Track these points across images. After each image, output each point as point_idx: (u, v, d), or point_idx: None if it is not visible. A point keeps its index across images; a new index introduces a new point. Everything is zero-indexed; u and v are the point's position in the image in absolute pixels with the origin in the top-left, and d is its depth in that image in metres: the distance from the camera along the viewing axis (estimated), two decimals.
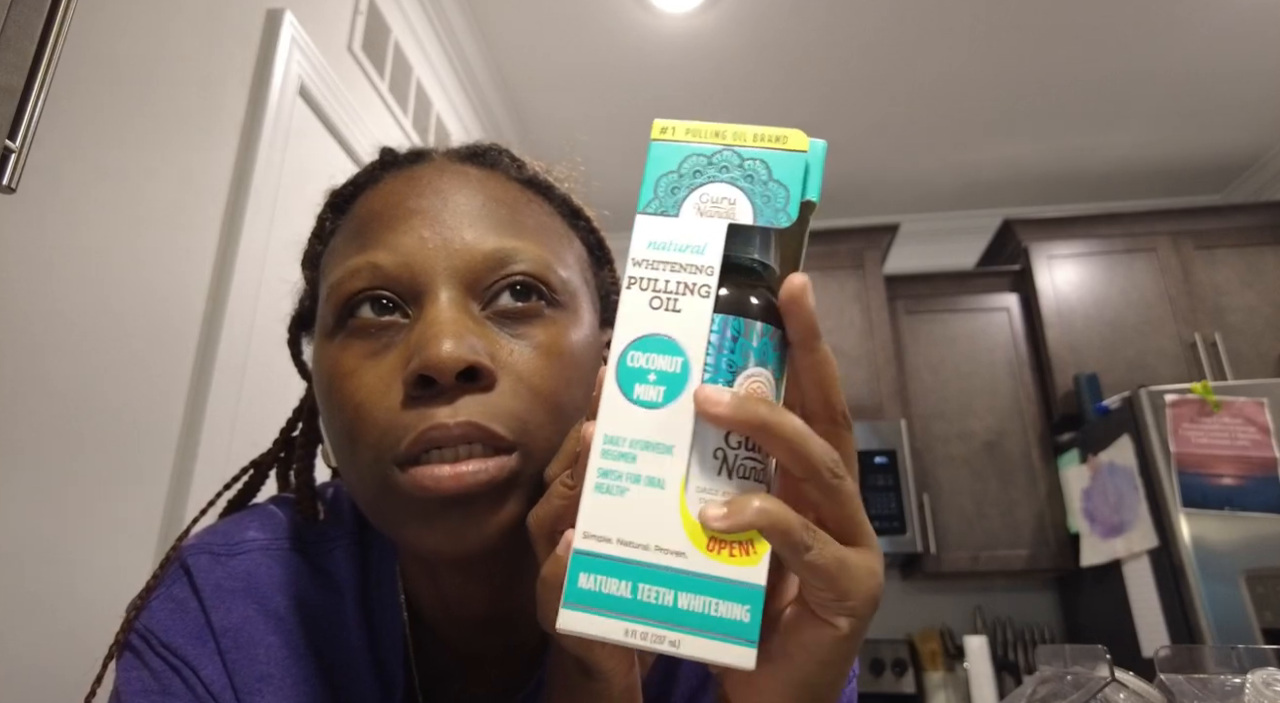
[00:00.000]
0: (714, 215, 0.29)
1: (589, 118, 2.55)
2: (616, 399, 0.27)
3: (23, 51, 0.66)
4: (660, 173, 0.30)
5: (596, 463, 0.27)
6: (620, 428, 0.27)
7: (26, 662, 0.80)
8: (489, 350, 0.37)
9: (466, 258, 0.38)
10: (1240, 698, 0.54)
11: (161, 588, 0.44)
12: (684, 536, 0.26)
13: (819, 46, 2.24)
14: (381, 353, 0.37)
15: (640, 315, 0.28)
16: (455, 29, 2.09)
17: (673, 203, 0.29)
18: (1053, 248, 2.64)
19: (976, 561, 2.39)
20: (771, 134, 0.30)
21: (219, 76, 1.16)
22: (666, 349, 0.27)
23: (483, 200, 0.41)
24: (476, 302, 0.38)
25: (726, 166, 0.29)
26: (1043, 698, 0.63)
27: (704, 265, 0.28)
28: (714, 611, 0.25)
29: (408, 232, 0.39)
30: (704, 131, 0.30)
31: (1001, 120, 2.59)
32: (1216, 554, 1.86)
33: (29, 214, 0.82)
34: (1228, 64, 2.33)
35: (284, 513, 0.48)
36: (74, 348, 0.88)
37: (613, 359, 0.28)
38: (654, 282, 0.28)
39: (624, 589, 0.26)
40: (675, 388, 0.27)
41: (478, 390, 0.36)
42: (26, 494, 0.82)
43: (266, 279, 1.23)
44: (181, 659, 0.42)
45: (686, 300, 0.28)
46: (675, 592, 0.26)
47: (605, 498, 0.27)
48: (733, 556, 0.26)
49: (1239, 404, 1.97)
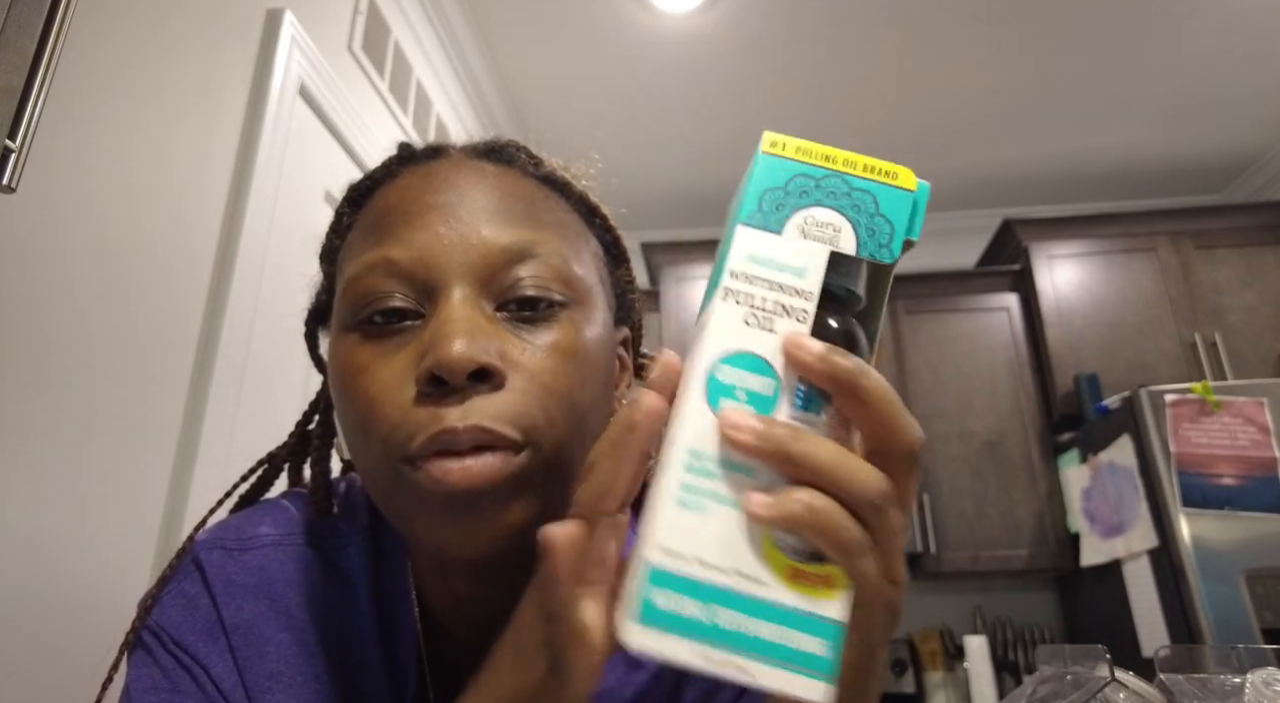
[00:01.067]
0: (818, 239, 0.28)
1: (589, 118, 2.55)
2: (703, 412, 0.26)
3: (23, 51, 0.66)
4: (766, 187, 0.29)
5: (679, 476, 0.26)
6: (705, 443, 0.26)
7: (27, 661, 0.80)
8: (501, 349, 0.37)
9: (482, 253, 0.38)
10: (1240, 698, 0.54)
11: (173, 583, 0.44)
12: (765, 563, 0.25)
13: (818, 46, 2.24)
14: (395, 350, 0.38)
15: (734, 330, 0.27)
16: (455, 29, 2.09)
17: (776, 220, 0.29)
18: (1053, 248, 2.64)
19: (976, 560, 2.39)
20: (882, 167, 0.29)
21: (219, 76, 1.16)
22: (759, 369, 0.27)
23: (499, 196, 0.41)
24: (490, 299, 0.38)
25: (834, 193, 0.29)
26: (1043, 698, 0.63)
27: (804, 289, 0.28)
28: (792, 642, 0.25)
29: (423, 227, 0.39)
30: (814, 152, 0.30)
31: (1001, 120, 2.59)
32: (1216, 554, 1.86)
33: (29, 214, 0.82)
34: (1228, 64, 2.33)
35: (296, 508, 0.48)
36: (74, 348, 0.88)
37: (700, 369, 0.27)
38: (750, 297, 0.28)
39: (700, 612, 0.25)
40: (764, 410, 0.26)
41: (488, 390, 0.36)
42: (27, 493, 0.82)
43: (267, 278, 1.23)
44: (192, 657, 0.42)
45: (783, 322, 0.27)
46: (754, 619, 0.25)
47: (686, 513, 0.26)
48: (813, 588, 0.25)
49: (1239, 404, 1.97)
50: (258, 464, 0.51)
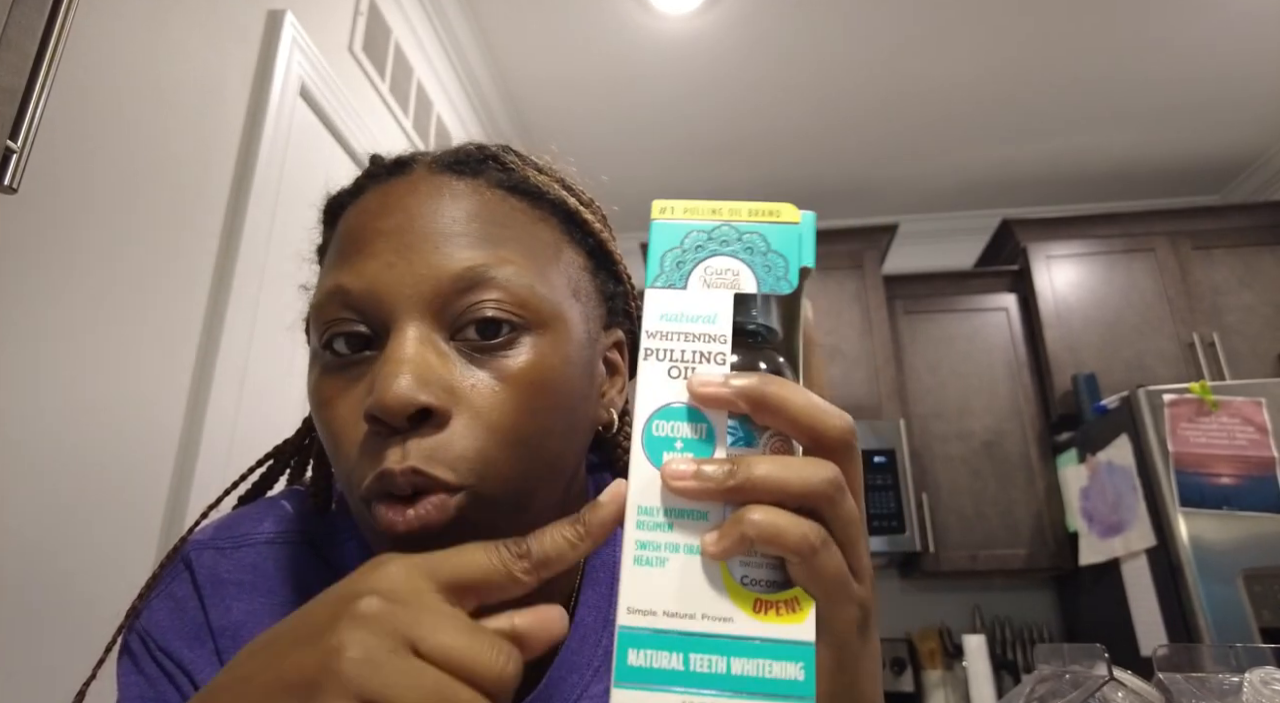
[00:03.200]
0: (720, 286, 0.30)
1: (589, 118, 2.55)
2: (646, 469, 0.28)
3: (24, 52, 0.66)
4: (664, 249, 0.31)
5: (633, 535, 0.27)
6: (653, 498, 0.27)
7: (28, 663, 0.80)
8: (449, 384, 0.36)
9: (432, 283, 0.37)
10: (1238, 697, 0.54)
11: (162, 585, 0.44)
12: (729, 600, 0.26)
13: (818, 47, 2.25)
14: (354, 381, 0.38)
15: (660, 385, 0.29)
16: (456, 30, 2.09)
17: (679, 276, 0.30)
18: (1051, 248, 2.64)
19: (975, 560, 2.40)
20: (765, 209, 0.31)
21: (220, 77, 1.16)
22: (690, 417, 0.28)
23: (456, 216, 0.39)
24: (443, 330, 0.37)
25: (726, 240, 0.31)
26: (1041, 697, 0.63)
27: (717, 334, 0.29)
28: (768, 673, 0.26)
29: (373, 255, 0.38)
30: (701, 209, 0.31)
31: (1000, 121, 2.60)
32: (1214, 554, 1.86)
33: (29, 214, 0.82)
34: (1226, 64, 2.34)
35: (293, 506, 0.47)
36: (74, 348, 0.88)
37: (637, 430, 0.28)
38: (670, 352, 0.29)
39: (675, 661, 0.26)
40: (702, 454, 0.28)
41: (431, 430, 0.35)
42: (27, 495, 0.82)
43: (267, 279, 1.23)
44: (178, 664, 0.41)
45: (704, 367, 0.29)
46: (728, 658, 0.26)
47: (645, 571, 0.27)
48: (780, 615, 0.26)
49: (1237, 404, 1.97)
50: (262, 459, 0.51)
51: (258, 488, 0.51)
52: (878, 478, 2.38)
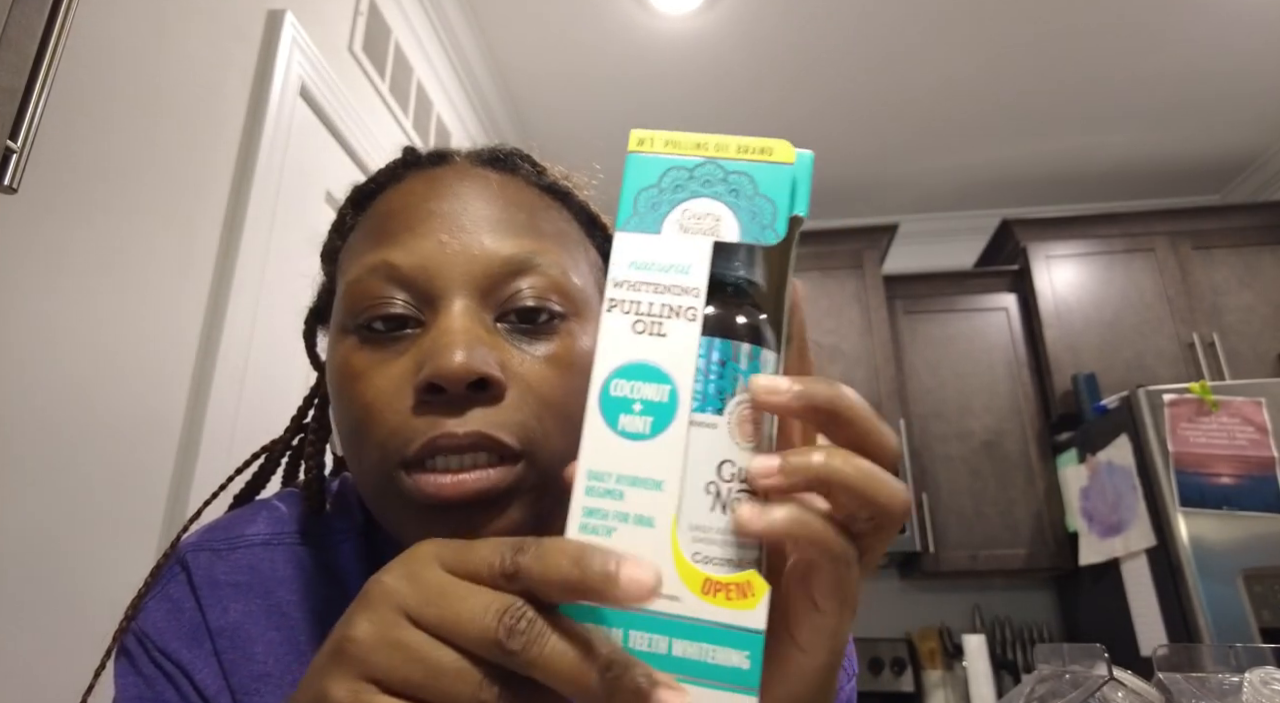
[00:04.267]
0: (698, 232, 0.27)
1: (589, 118, 2.55)
2: (600, 431, 0.25)
3: (24, 52, 0.66)
4: (639, 187, 0.28)
5: (580, 501, 0.25)
6: (605, 463, 0.25)
7: (27, 662, 0.80)
8: (500, 360, 0.37)
9: (484, 264, 0.38)
10: (1238, 697, 0.54)
11: (159, 586, 0.44)
12: (677, 578, 0.24)
13: (818, 47, 2.25)
14: (393, 356, 0.38)
15: (623, 341, 0.26)
16: (456, 30, 2.09)
17: (654, 219, 0.27)
18: (1051, 248, 2.64)
19: (975, 560, 2.40)
20: (756, 145, 0.29)
21: (220, 77, 1.16)
22: (653, 377, 0.26)
23: (502, 205, 0.41)
24: (490, 310, 0.39)
25: (709, 180, 0.28)
26: (1041, 697, 0.63)
27: (690, 287, 0.26)
28: (711, 658, 0.24)
29: (426, 234, 0.39)
30: (684, 143, 0.28)
31: (1000, 121, 2.60)
32: (1214, 553, 1.86)
33: (30, 214, 0.82)
34: (1226, 64, 2.34)
35: (288, 507, 0.47)
36: (75, 347, 0.88)
37: (594, 389, 0.26)
38: (636, 304, 0.26)
39: (615, 637, 0.24)
40: (663, 419, 0.25)
41: (486, 401, 0.36)
42: (28, 494, 0.82)
43: (267, 279, 1.23)
44: (176, 664, 0.42)
45: (672, 324, 0.26)
46: (669, 639, 0.24)
47: (591, 539, 0.25)
48: (730, 599, 0.24)
49: (1237, 404, 1.98)
50: (253, 457, 0.51)
51: (251, 488, 0.51)
52: None
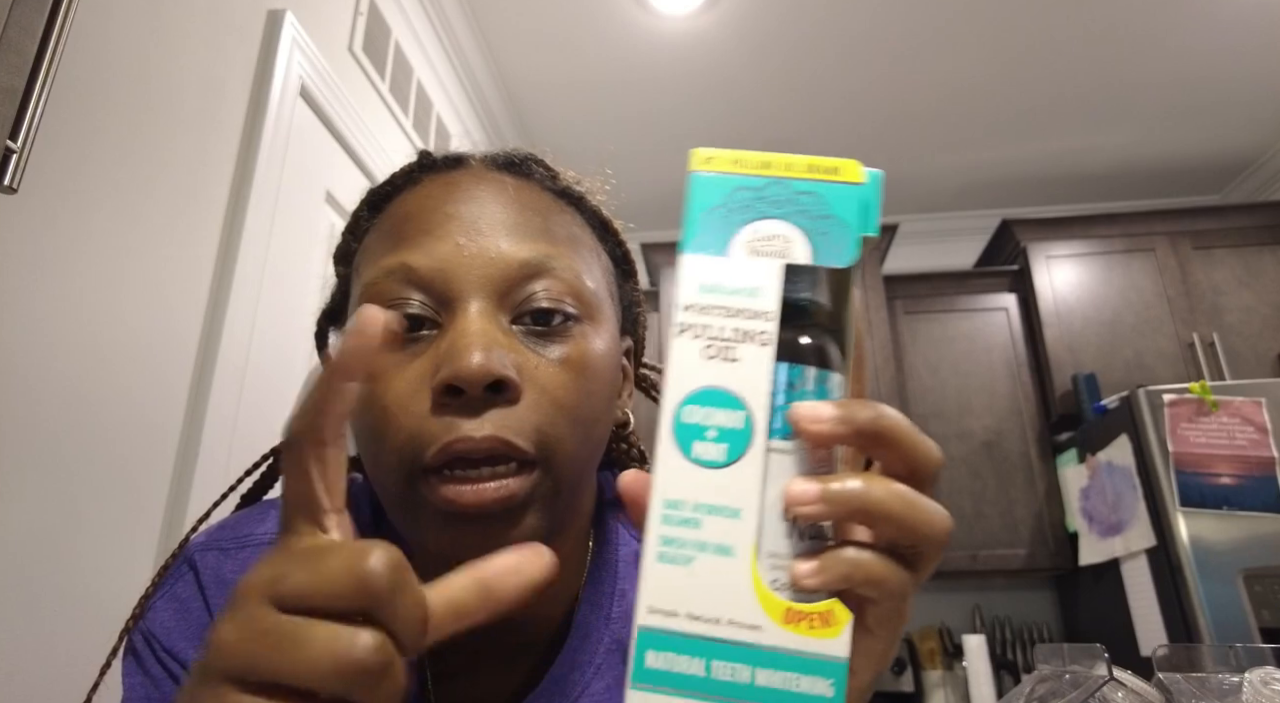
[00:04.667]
0: (768, 254, 0.27)
1: (589, 118, 2.55)
2: (675, 459, 0.25)
3: (24, 53, 0.66)
4: (705, 208, 0.27)
5: (657, 530, 0.25)
6: (681, 491, 0.25)
7: (27, 662, 0.80)
8: (515, 363, 0.37)
9: (500, 267, 0.39)
10: (1238, 697, 0.54)
11: (166, 586, 0.44)
12: (758, 607, 0.24)
13: (818, 48, 2.25)
14: (409, 358, 0.38)
15: (694, 366, 0.26)
16: (456, 30, 2.09)
17: (721, 241, 0.27)
18: (1051, 248, 2.64)
19: (975, 559, 2.40)
20: (825, 165, 0.28)
21: (220, 77, 1.16)
22: (727, 403, 0.25)
23: (517, 209, 0.41)
24: (506, 312, 0.39)
25: (778, 201, 0.27)
26: (1041, 697, 0.63)
27: (762, 310, 0.26)
28: (795, 687, 0.24)
29: (443, 237, 0.39)
30: (751, 161, 0.28)
31: (1000, 121, 2.60)
32: (1214, 553, 1.86)
33: (30, 214, 0.82)
34: (1226, 64, 2.34)
35: None
36: (75, 348, 0.88)
37: (666, 415, 0.26)
38: (707, 328, 0.26)
39: (697, 667, 0.24)
40: (739, 445, 0.25)
41: (503, 403, 0.36)
42: (28, 494, 0.82)
43: (268, 279, 1.23)
44: (181, 664, 0.42)
45: (745, 349, 0.26)
46: (753, 669, 0.24)
47: (669, 568, 0.25)
48: (812, 628, 0.24)
49: (1237, 404, 1.98)
50: (262, 458, 0.51)
51: (258, 488, 0.51)
52: None
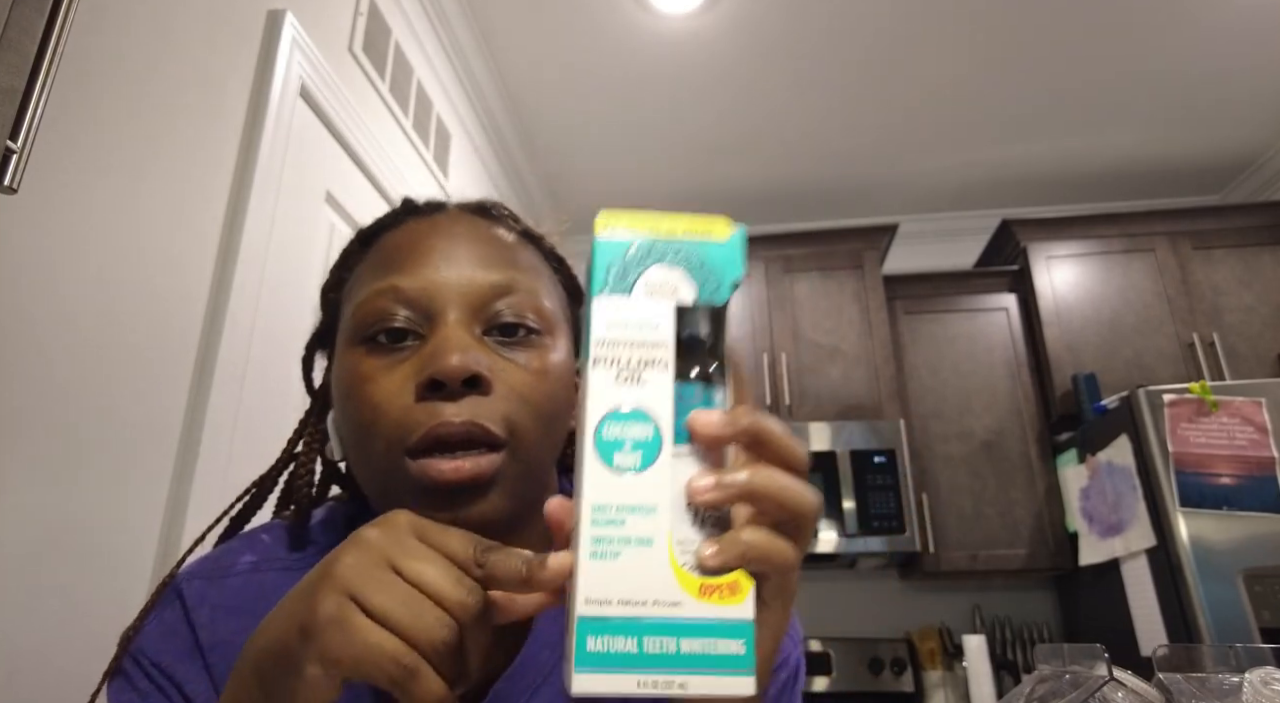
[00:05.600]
0: (662, 295, 0.32)
1: (589, 118, 2.55)
2: (599, 469, 0.30)
3: (24, 53, 0.66)
4: (608, 261, 0.33)
5: (588, 532, 0.29)
6: (606, 496, 0.30)
7: (27, 662, 0.80)
8: (487, 363, 0.44)
9: (474, 287, 0.46)
10: (1238, 697, 0.54)
11: (154, 613, 0.48)
12: (678, 586, 0.29)
13: (818, 47, 2.25)
14: (396, 363, 0.45)
15: (608, 390, 0.31)
16: (456, 30, 2.09)
17: (624, 286, 0.32)
18: (1051, 248, 2.64)
19: (975, 560, 2.40)
20: (701, 226, 0.34)
21: (220, 77, 1.16)
22: (638, 418, 0.31)
23: (488, 244, 0.49)
24: (479, 324, 0.46)
25: (666, 253, 0.33)
26: (1041, 697, 0.63)
27: (661, 341, 0.32)
28: (713, 650, 0.29)
29: (426, 264, 0.47)
30: (641, 223, 0.33)
31: (1000, 121, 2.60)
32: (1214, 554, 1.86)
33: (30, 214, 0.82)
34: (1226, 64, 2.34)
35: (271, 537, 0.52)
36: (75, 348, 0.88)
37: (588, 434, 0.30)
38: (616, 359, 0.31)
39: (631, 645, 0.28)
40: (650, 453, 0.30)
41: (477, 395, 0.43)
42: (27, 494, 0.82)
43: (267, 279, 1.23)
44: (168, 676, 0.45)
45: (650, 373, 0.31)
46: (678, 639, 0.29)
47: (600, 564, 0.29)
48: (723, 597, 0.29)
49: (1237, 404, 1.98)
50: (245, 491, 0.55)
51: (239, 520, 0.56)
52: (878, 478, 2.38)
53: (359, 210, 1.56)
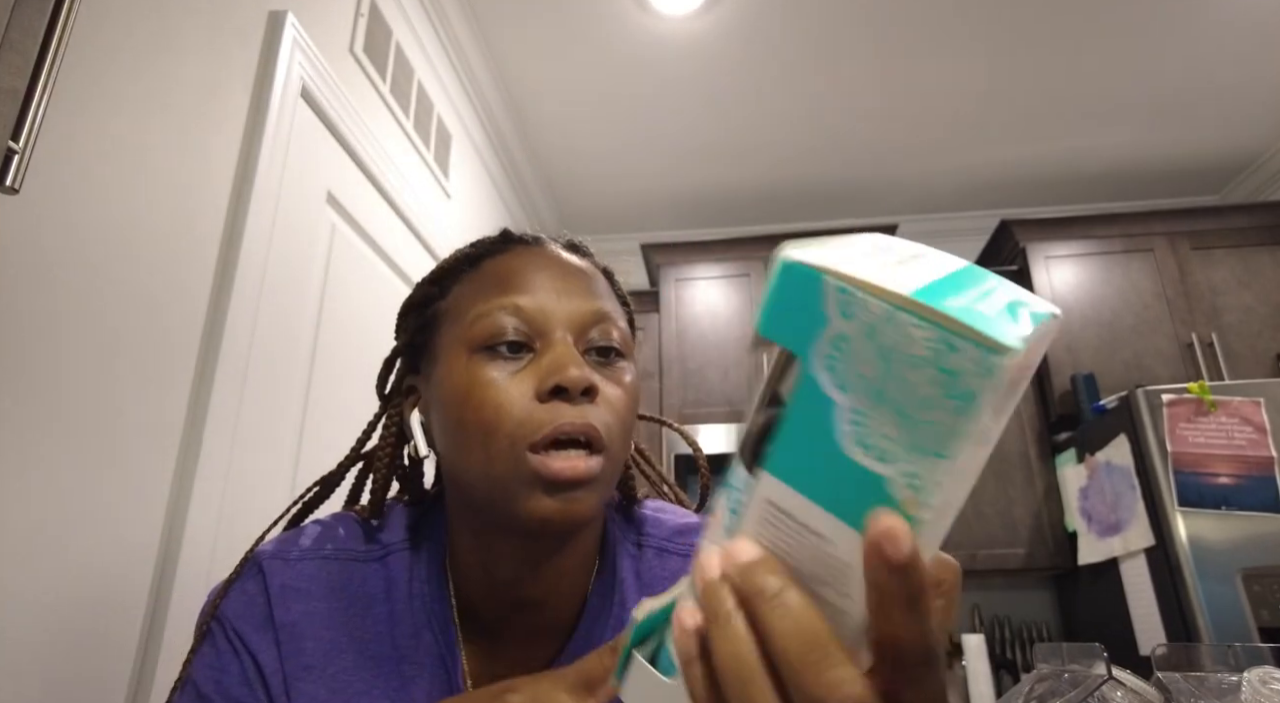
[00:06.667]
0: None
1: (589, 118, 2.55)
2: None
3: (26, 54, 0.66)
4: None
5: None
6: None
7: (29, 661, 0.81)
8: (598, 378, 0.51)
9: (581, 312, 0.54)
10: (1237, 696, 0.54)
11: (239, 582, 0.54)
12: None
13: (818, 49, 2.25)
14: (516, 372, 0.51)
15: None
16: (456, 31, 2.09)
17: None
18: (1050, 248, 2.65)
19: (974, 559, 2.40)
20: None
21: (221, 78, 1.16)
22: None
23: (584, 277, 0.56)
24: (580, 345, 0.53)
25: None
26: (1040, 696, 0.63)
27: None
28: None
29: (541, 287, 0.54)
30: None
31: (1000, 121, 2.60)
32: (1213, 553, 1.86)
33: (31, 214, 0.83)
34: (1226, 65, 2.34)
35: (344, 528, 0.58)
36: (76, 348, 0.89)
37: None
38: None
39: None
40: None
41: (591, 404, 0.50)
42: (28, 493, 0.82)
43: (269, 280, 1.23)
44: (244, 643, 0.52)
45: None
46: None
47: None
48: None
49: (1235, 404, 1.98)
50: (310, 488, 0.62)
51: (306, 509, 0.62)
52: None
53: (360, 211, 1.56)
